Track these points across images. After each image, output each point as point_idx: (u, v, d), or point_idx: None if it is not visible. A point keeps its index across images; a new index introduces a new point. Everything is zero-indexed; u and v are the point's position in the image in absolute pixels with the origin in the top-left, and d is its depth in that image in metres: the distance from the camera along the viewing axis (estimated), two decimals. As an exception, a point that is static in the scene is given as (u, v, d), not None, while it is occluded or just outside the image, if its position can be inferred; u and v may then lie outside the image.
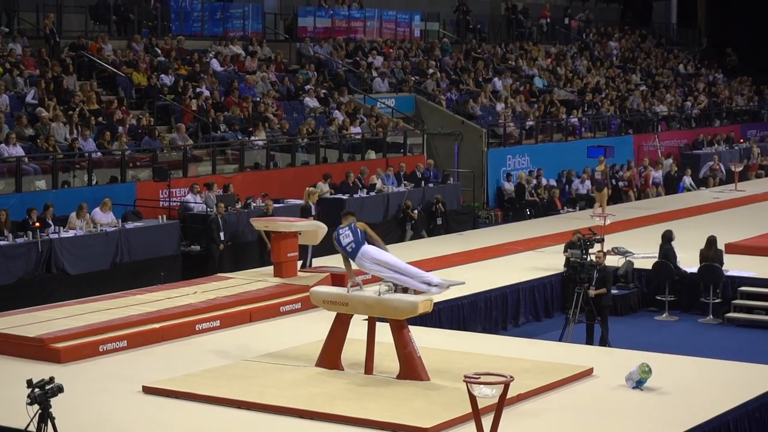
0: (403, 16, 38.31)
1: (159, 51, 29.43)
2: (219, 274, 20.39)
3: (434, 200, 28.12)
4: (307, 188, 23.11)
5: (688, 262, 21.06)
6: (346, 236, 13.93)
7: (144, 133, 25.07)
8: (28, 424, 10.23)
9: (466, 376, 9.78)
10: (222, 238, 22.37)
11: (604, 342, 17.67)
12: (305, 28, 34.53)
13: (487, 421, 9.96)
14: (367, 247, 13.91)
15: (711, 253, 20.64)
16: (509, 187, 32.13)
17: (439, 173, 30.03)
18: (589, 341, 17.72)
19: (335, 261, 21.18)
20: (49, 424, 10.10)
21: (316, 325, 15.78)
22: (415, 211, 27.31)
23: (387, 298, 13.84)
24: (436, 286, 14.06)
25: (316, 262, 21.16)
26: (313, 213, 22.15)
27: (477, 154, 32.37)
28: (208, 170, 25.35)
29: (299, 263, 20.12)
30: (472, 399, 9.76)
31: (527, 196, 31.43)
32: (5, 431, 11.87)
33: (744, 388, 13.75)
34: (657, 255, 21.11)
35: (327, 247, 22.15)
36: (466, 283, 19.94)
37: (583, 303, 17.69)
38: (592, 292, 17.69)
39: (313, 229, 20.05)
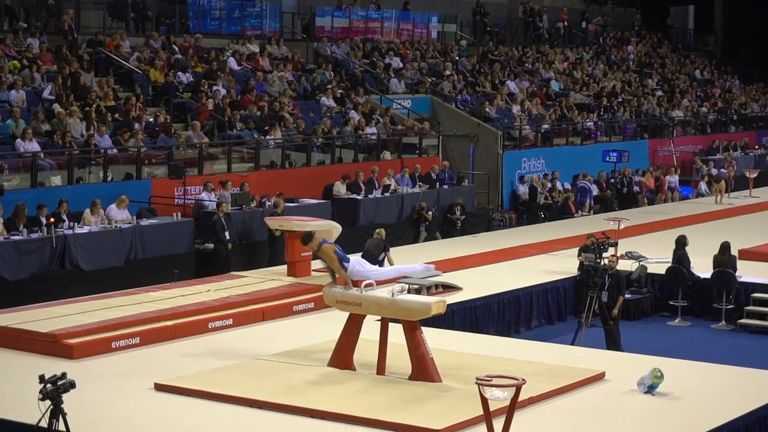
0: (421, 18, 38.34)
1: (176, 49, 29.48)
2: (232, 273, 20.40)
3: (454, 203, 28.10)
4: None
5: (702, 267, 21.03)
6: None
7: (160, 130, 25.12)
8: (40, 420, 10.25)
9: (478, 378, 9.77)
10: (227, 237, 22.07)
11: (616, 346, 17.64)
12: (323, 27, 34.60)
13: (498, 424, 9.94)
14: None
15: (724, 259, 20.60)
16: (523, 189, 32.09)
17: (453, 175, 30.02)
18: (610, 345, 17.62)
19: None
20: (61, 419, 10.13)
21: (329, 325, 15.78)
22: (430, 213, 27.30)
23: (400, 298, 13.85)
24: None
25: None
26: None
27: (492, 157, 32.35)
28: (223, 168, 25.37)
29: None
30: (484, 401, 9.76)
31: (541, 199, 31.38)
32: (17, 426, 11.90)
33: (756, 394, 13.71)
34: (671, 260, 21.09)
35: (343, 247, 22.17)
36: (480, 284, 20.05)
37: (596, 307, 17.65)
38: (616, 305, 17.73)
39: (327, 229, 19.99)
